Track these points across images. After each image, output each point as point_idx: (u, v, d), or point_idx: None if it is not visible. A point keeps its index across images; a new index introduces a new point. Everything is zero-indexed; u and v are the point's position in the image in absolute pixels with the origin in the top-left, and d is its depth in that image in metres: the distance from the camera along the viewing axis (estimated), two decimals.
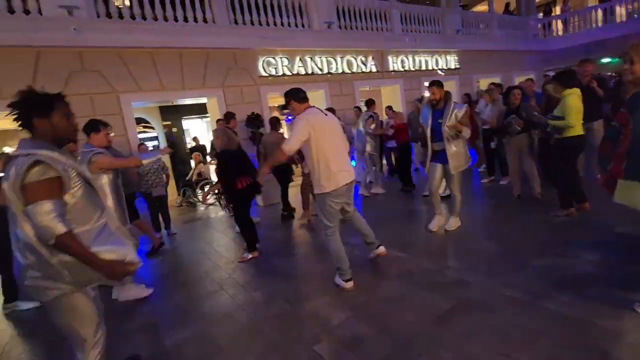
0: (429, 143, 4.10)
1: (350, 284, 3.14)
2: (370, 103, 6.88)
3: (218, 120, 6.47)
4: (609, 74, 9.38)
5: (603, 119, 4.90)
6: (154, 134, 9.57)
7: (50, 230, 1.54)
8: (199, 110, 9.49)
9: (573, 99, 3.81)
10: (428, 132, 4.08)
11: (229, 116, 6.10)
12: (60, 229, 1.55)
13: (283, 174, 5.78)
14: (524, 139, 4.74)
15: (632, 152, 2.08)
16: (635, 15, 12.08)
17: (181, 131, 9.57)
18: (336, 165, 3.02)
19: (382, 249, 3.57)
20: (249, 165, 4.38)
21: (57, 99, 1.78)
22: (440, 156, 4.04)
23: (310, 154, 3.01)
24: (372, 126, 6.37)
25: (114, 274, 1.72)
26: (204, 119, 10.61)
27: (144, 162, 3.57)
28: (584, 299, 2.47)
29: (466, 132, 3.91)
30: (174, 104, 8.81)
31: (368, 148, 6.45)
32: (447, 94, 4.07)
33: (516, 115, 4.56)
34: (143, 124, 9.45)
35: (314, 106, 3.14)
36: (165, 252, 5.07)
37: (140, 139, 7.03)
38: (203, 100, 7.84)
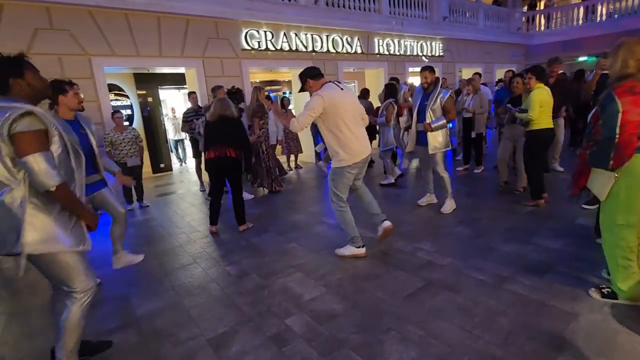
0: (414, 124, 4.35)
1: (363, 250, 3.29)
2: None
3: (190, 93, 6.59)
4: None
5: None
6: (127, 103, 9.15)
7: (47, 182, 1.65)
8: (177, 80, 9.10)
9: (539, 93, 3.92)
10: (414, 113, 4.32)
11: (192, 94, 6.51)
12: (57, 180, 1.67)
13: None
14: (519, 129, 4.51)
15: (598, 145, 2.20)
16: (616, 16, 12.39)
17: (157, 101, 9.17)
18: (354, 139, 3.11)
19: (387, 223, 3.38)
20: (229, 137, 4.03)
21: (23, 59, 1.80)
22: (422, 137, 4.28)
23: (326, 128, 3.08)
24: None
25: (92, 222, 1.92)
26: (181, 90, 10.21)
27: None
28: (544, 283, 2.62)
29: (447, 117, 4.16)
30: (150, 71, 8.39)
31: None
32: (437, 79, 4.21)
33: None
34: (116, 92, 8.98)
35: (330, 80, 3.16)
36: (139, 224, 4.95)
37: (114, 107, 6.69)
38: (181, 70, 7.52)
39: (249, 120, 5.81)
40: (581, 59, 13.20)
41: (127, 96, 8.97)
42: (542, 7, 16.06)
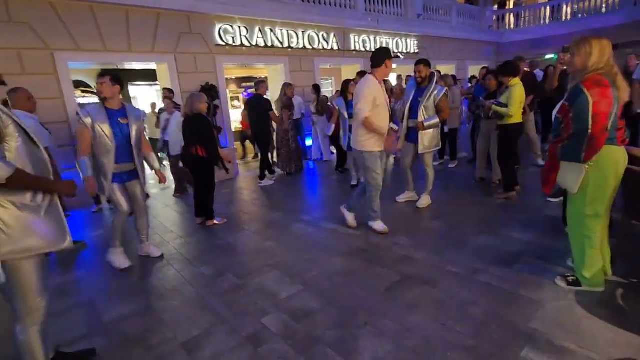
0: (405, 120, 4.22)
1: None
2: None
3: (164, 90, 6.33)
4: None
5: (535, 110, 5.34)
6: (95, 100, 8.79)
7: None
8: (148, 76, 8.83)
9: (519, 90, 4.04)
10: (407, 109, 4.19)
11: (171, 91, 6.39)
12: (7, 170, 1.50)
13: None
14: (493, 123, 4.62)
15: (570, 138, 2.21)
16: (580, 15, 12.93)
17: (127, 98, 8.85)
18: None
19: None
20: (192, 135, 4.14)
21: None
22: (412, 134, 4.18)
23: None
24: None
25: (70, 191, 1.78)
26: (153, 87, 9.91)
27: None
28: (514, 273, 2.71)
29: (440, 116, 4.04)
30: (119, 67, 8.08)
31: None
32: (432, 75, 4.08)
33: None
34: (82, 88, 8.62)
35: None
36: (109, 225, 4.75)
37: (80, 105, 6.41)
38: (152, 65, 7.28)
39: (278, 112, 6.56)
40: (548, 56, 13.71)
41: (94, 93, 8.62)
42: (511, 6, 16.56)
